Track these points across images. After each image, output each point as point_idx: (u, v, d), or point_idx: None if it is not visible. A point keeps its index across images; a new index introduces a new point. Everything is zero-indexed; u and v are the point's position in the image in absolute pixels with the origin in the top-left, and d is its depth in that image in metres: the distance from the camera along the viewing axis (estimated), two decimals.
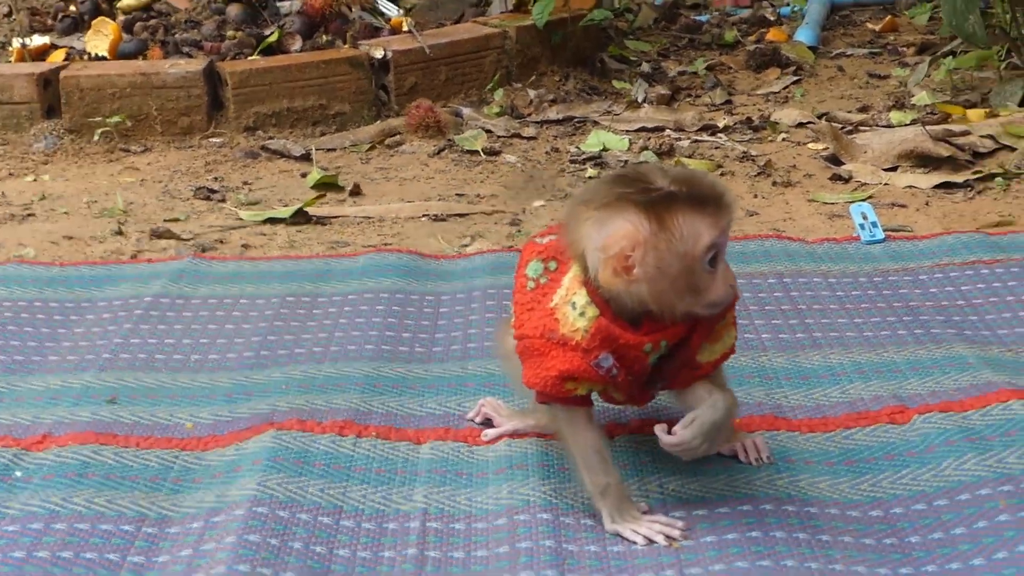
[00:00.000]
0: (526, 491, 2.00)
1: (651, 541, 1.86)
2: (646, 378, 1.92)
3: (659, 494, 1.99)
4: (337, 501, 2.00)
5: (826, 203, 3.54)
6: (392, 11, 5.00)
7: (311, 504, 1.98)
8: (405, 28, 4.81)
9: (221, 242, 3.40)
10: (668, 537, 1.86)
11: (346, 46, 4.68)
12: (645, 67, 5.12)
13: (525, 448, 2.13)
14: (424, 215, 3.58)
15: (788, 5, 6.31)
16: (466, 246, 3.29)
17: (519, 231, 3.42)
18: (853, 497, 1.97)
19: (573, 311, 1.84)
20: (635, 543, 1.86)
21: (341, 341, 2.63)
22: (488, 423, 2.23)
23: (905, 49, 5.41)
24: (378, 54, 4.55)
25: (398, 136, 4.37)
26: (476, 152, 4.19)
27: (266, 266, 3.12)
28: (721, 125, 4.38)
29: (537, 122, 4.51)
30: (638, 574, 1.79)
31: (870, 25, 5.98)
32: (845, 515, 1.92)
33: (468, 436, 2.21)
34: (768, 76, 5.09)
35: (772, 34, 5.66)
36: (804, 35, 5.57)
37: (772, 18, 6.08)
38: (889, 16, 5.97)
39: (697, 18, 6.11)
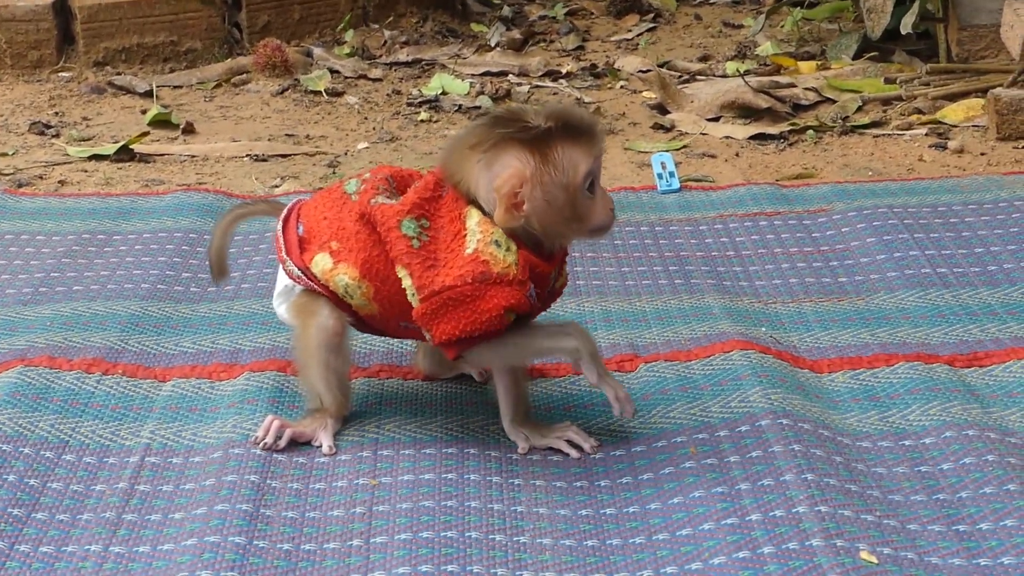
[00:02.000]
0: (249, 425, 2.07)
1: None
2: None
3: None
4: (65, 436, 2.07)
5: (640, 151, 3.63)
6: None
7: (37, 439, 2.05)
8: None
9: (41, 178, 3.46)
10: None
11: None
12: (506, 10, 5.18)
13: (261, 382, 2.21)
14: (247, 155, 3.64)
15: None
16: (276, 187, 3.36)
17: (334, 172, 3.48)
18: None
19: (500, 249, 1.91)
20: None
21: (120, 279, 2.70)
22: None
23: None
24: None
25: (245, 75, 4.41)
26: (319, 92, 4.25)
27: (73, 203, 3.18)
28: (565, 71, 4.44)
29: (386, 64, 4.57)
30: (331, 511, 1.88)
31: None
32: (548, 459, 2.01)
33: (213, 372, 2.29)
34: (627, 22, 5.16)
35: None
36: None
37: None
38: None
39: None
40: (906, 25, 3.91)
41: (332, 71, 4.44)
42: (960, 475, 1.90)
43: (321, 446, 2.04)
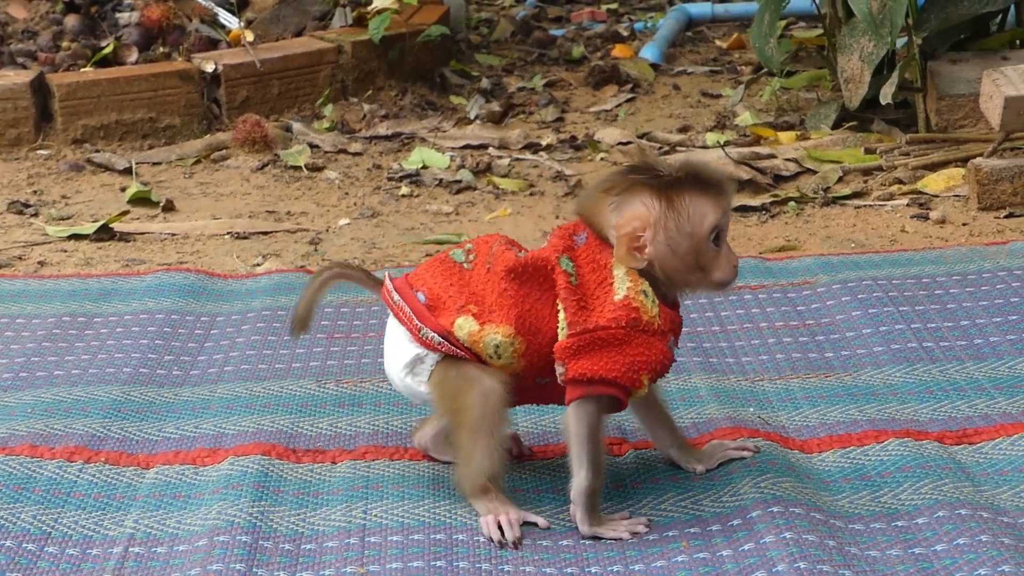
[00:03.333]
0: (233, 512, 2.05)
1: (633, 535, 1.99)
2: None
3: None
4: (47, 527, 2.04)
5: None
6: (232, 23, 5.04)
7: (19, 531, 2.02)
8: (244, 41, 4.84)
9: (20, 258, 3.44)
10: (634, 533, 1.99)
11: (180, 59, 4.72)
12: (485, 83, 5.19)
13: (246, 467, 2.19)
14: (228, 232, 3.62)
15: (643, 21, 6.40)
16: (258, 265, 3.34)
17: (316, 250, 3.47)
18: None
19: (647, 299, 1.97)
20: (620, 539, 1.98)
21: (102, 363, 2.68)
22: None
23: (743, 68, 5.51)
24: (209, 67, 4.59)
25: (225, 151, 4.41)
26: (299, 168, 4.24)
27: (52, 284, 3.15)
28: (544, 143, 4.45)
29: (366, 138, 4.56)
30: None
31: (719, 42, 6.08)
32: (537, 544, 1.99)
33: (196, 458, 2.26)
34: (605, 93, 5.18)
35: (617, 50, 5.75)
36: (649, 52, 5.66)
37: (626, 34, 6.17)
38: (736, 34, 6.06)
39: (553, 32, 6.18)
40: (885, 95, 3.92)
41: (312, 146, 4.43)
42: (954, 556, 1.88)
43: (536, 523, 2.02)
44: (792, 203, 3.71)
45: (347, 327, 2.85)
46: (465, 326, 2.00)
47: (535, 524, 2.02)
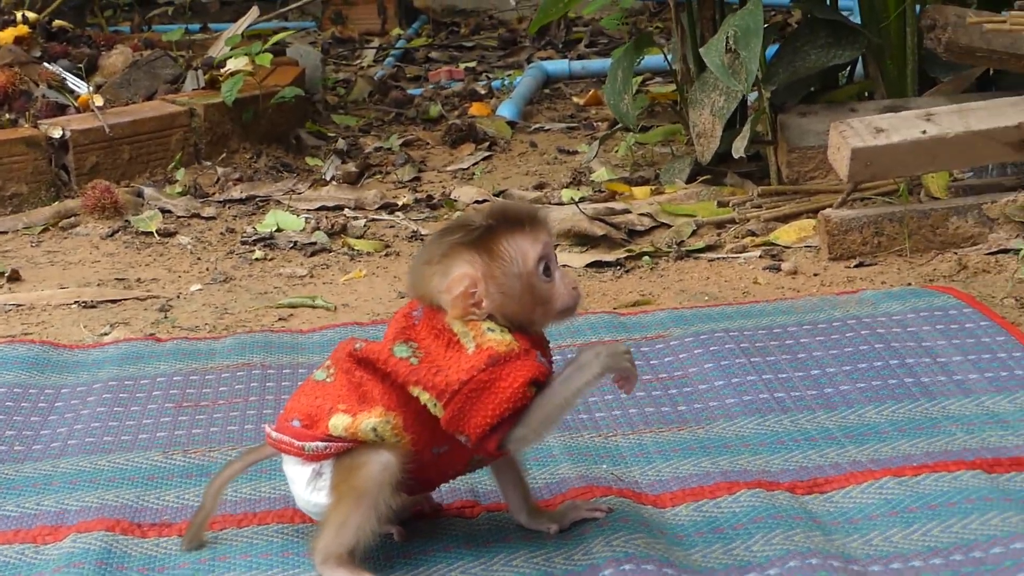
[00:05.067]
0: None
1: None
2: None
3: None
4: None
5: None
6: (81, 88, 4.96)
7: None
8: (93, 106, 4.77)
9: None
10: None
11: (27, 125, 4.63)
12: (341, 143, 5.16)
13: (88, 544, 2.12)
14: (75, 302, 3.55)
15: (500, 79, 6.42)
16: (105, 334, 3.27)
17: (166, 317, 3.41)
18: None
19: (495, 332, 1.97)
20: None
21: None
22: None
23: (600, 124, 5.54)
24: (56, 133, 4.51)
25: (74, 218, 4.32)
26: (151, 234, 4.18)
27: None
28: (401, 203, 4.43)
29: (220, 201, 4.51)
30: None
31: (576, 99, 6.12)
32: None
33: (37, 536, 2.19)
34: (462, 152, 5.17)
35: (475, 109, 5.76)
36: (506, 110, 5.68)
37: (483, 92, 6.19)
38: (593, 90, 6.10)
39: (411, 91, 6.18)
40: (737, 149, 3.96)
41: (164, 211, 4.37)
42: None
43: None
44: (646, 257, 3.72)
45: (196, 395, 2.80)
46: (340, 423, 1.99)
47: None
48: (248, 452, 2.20)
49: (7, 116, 4.72)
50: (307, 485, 2.02)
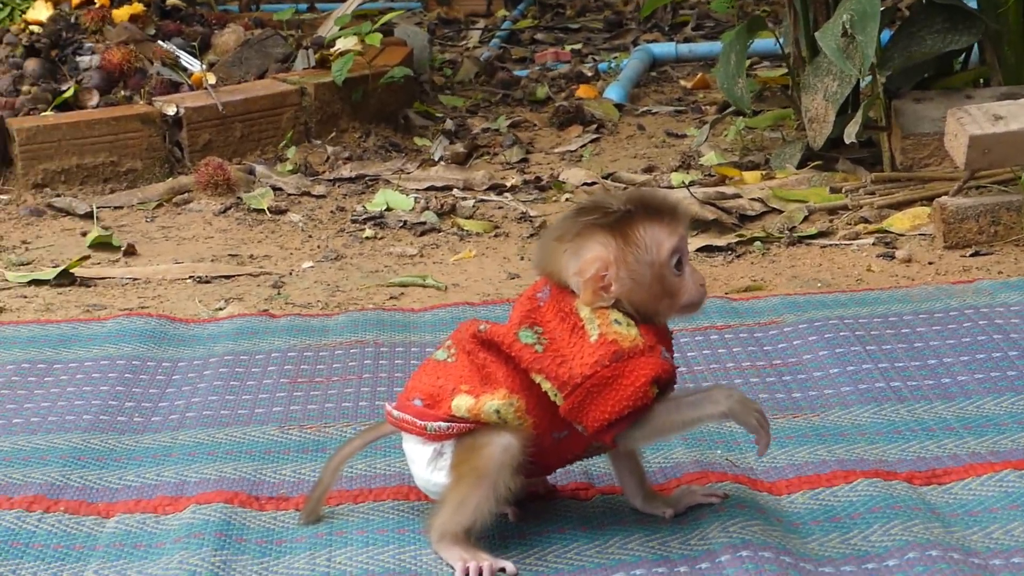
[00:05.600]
0: (195, 561, 2.01)
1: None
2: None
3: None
4: None
5: None
6: (195, 66, 5.01)
7: None
8: (206, 84, 4.82)
9: None
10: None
11: (142, 102, 4.69)
12: (449, 124, 5.18)
13: (208, 515, 2.15)
14: (190, 276, 3.59)
15: (607, 61, 6.41)
16: (220, 310, 3.31)
17: (279, 293, 3.44)
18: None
19: (621, 326, 1.97)
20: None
21: (62, 410, 2.64)
22: None
23: (708, 107, 5.51)
24: (170, 111, 4.56)
25: (187, 194, 4.37)
26: (262, 211, 4.22)
27: (12, 331, 3.11)
28: (509, 184, 4.43)
29: (329, 180, 4.54)
30: None
31: (683, 82, 6.08)
32: None
33: (158, 506, 2.22)
34: (570, 134, 5.17)
35: (582, 91, 5.74)
36: (613, 92, 5.66)
37: (590, 74, 6.17)
38: (700, 73, 6.07)
39: (517, 73, 6.18)
40: (849, 134, 3.92)
41: (275, 188, 4.41)
42: None
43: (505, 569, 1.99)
44: (758, 243, 3.70)
45: (310, 371, 2.82)
46: (463, 404, 2.00)
47: (504, 570, 1.99)
48: (367, 430, 2.22)
49: (123, 93, 4.78)
50: (427, 464, 2.03)
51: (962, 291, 3.11)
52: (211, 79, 4.86)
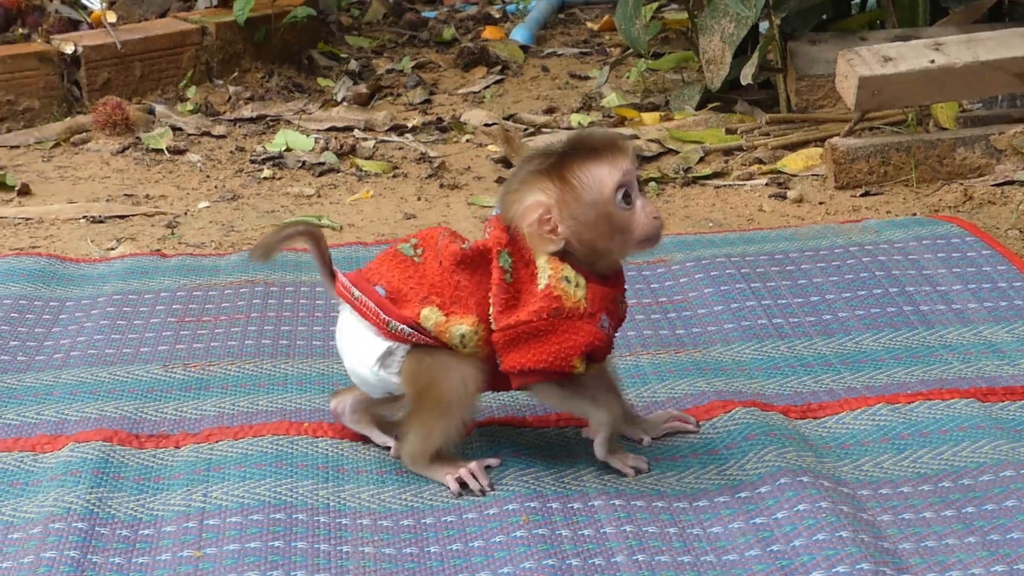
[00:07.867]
0: (70, 498, 2.01)
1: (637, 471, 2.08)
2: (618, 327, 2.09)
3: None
4: None
5: (483, 206, 3.62)
6: (95, 4, 4.95)
7: None
8: (106, 22, 4.76)
9: None
10: (638, 470, 2.08)
11: (39, 40, 4.63)
12: (353, 65, 5.15)
13: (86, 453, 2.15)
14: (84, 216, 3.56)
15: (515, 3, 6.39)
16: (112, 249, 3.29)
17: (173, 233, 3.42)
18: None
19: (570, 284, 1.98)
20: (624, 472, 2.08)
21: None
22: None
23: (612, 50, 5.52)
24: (68, 49, 4.51)
25: (85, 134, 4.33)
26: (161, 151, 4.18)
27: None
28: (410, 125, 4.43)
29: (230, 120, 4.51)
30: None
31: (590, 24, 6.08)
32: (378, 525, 1.98)
33: (36, 445, 2.22)
34: (474, 75, 5.16)
35: (488, 32, 5.73)
36: (519, 34, 5.66)
37: (497, 16, 6.16)
38: (607, 16, 6.06)
39: (425, 14, 6.15)
40: (746, 76, 3.95)
41: (175, 128, 4.38)
42: (794, 523, 1.90)
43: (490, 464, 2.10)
44: (652, 183, 3.72)
45: (198, 311, 2.81)
46: (432, 316, 2.02)
47: (489, 466, 2.09)
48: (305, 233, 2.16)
49: (20, 31, 4.71)
50: (377, 359, 2.05)
51: (849, 229, 3.15)
52: (111, 17, 4.80)
